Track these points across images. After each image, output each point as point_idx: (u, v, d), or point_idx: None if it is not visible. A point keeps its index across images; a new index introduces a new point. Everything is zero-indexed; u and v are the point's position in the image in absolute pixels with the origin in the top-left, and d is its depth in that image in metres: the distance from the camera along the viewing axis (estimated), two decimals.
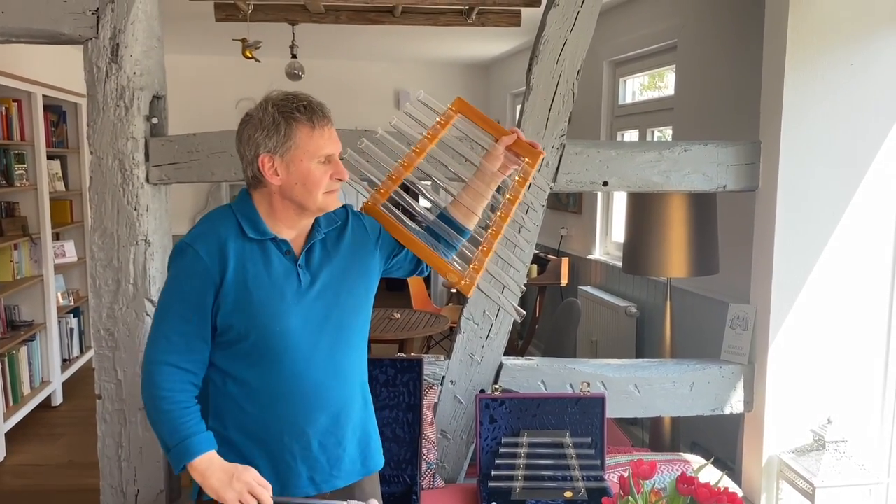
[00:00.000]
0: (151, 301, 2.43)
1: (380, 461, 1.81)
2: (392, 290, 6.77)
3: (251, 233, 1.60)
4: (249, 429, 1.62)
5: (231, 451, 1.61)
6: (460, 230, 1.77)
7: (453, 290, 5.03)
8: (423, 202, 1.88)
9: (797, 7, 2.39)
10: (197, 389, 1.62)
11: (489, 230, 1.72)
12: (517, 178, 1.73)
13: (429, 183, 1.86)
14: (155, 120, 2.45)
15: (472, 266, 1.69)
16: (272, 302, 1.58)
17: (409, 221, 1.76)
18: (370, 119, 7.21)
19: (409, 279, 5.26)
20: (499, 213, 1.72)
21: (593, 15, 2.45)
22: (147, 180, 2.42)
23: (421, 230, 1.78)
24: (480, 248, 1.70)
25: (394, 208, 1.77)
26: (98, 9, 2.34)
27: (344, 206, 1.74)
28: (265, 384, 1.61)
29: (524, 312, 1.76)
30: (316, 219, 1.66)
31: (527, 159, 1.72)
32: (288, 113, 1.55)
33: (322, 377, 1.63)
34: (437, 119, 1.77)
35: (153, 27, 2.41)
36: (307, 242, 1.65)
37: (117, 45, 2.35)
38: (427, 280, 6.84)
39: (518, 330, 5.42)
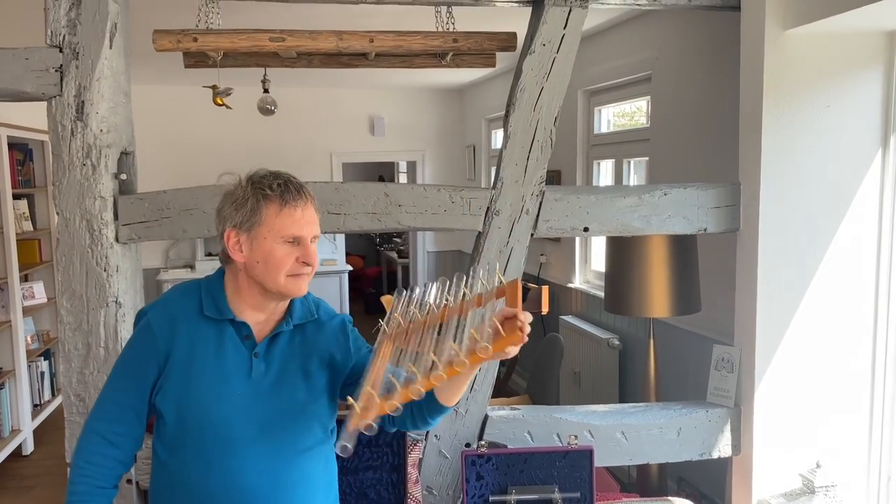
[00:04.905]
0: None
1: None
2: (371, 314, 6.70)
3: (209, 311, 1.53)
4: None
5: None
6: (441, 408, 1.48)
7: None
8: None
9: (773, 50, 2.39)
10: (122, 467, 1.55)
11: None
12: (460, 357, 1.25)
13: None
14: (124, 176, 2.37)
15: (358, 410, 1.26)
16: (214, 388, 1.49)
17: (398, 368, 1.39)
18: (345, 145, 7.22)
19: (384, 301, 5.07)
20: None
21: (569, 61, 2.43)
22: (116, 240, 2.34)
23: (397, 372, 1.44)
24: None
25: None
26: (62, 66, 2.26)
27: (340, 316, 1.64)
28: (198, 481, 1.47)
29: (350, 450, 1.26)
30: (290, 307, 1.56)
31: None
32: (259, 188, 1.48)
33: (259, 483, 1.47)
34: (481, 292, 1.40)
35: (120, 82, 2.34)
36: (274, 330, 1.55)
37: (82, 102, 2.27)
38: None
39: None
